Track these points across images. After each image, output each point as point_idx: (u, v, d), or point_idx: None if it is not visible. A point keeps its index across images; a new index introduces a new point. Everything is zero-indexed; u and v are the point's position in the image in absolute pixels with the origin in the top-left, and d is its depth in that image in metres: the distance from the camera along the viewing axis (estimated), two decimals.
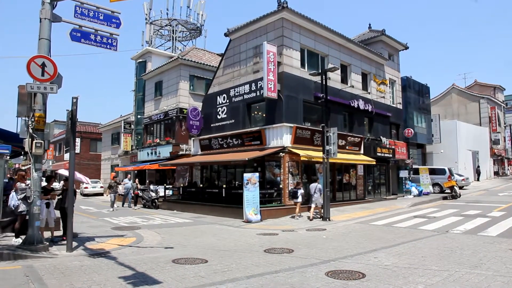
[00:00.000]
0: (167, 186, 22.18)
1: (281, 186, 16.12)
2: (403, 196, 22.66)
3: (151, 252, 8.60)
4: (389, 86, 24.29)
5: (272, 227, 12.84)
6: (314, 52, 18.66)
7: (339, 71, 19.26)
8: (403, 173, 23.64)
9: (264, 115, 17.60)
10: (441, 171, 24.98)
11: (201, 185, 20.43)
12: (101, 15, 9.20)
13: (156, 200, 20.73)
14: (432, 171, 25.14)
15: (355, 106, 19.94)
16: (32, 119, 8.36)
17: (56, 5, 8.81)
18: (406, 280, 5.94)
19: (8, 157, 13.80)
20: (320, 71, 16.03)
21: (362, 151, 20.27)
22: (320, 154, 15.29)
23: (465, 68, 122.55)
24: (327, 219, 13.93)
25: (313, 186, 14.73)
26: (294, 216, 14.86)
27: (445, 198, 21.59)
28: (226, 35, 19.67)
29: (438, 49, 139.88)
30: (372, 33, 25.04)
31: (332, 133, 14.63)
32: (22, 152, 13.46)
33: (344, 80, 20.29)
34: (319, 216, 14.58)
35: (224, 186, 17.75)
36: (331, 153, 14.58)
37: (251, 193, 14.28)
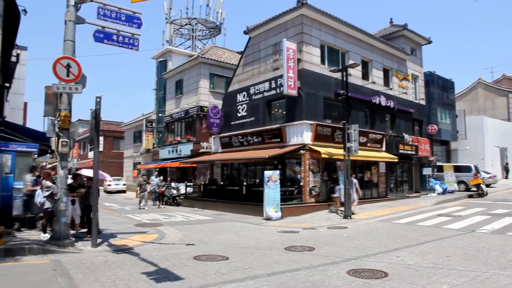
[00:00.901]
0: (188, 184, 22.43)
1: (301, 183, 16.05)
2: (427, 194, 22.16)
3: (172, 249, 8.72)
4: (412, 82, 23.75)
5: (293, 224, 12.82)
6: (334, 48, 18.45)
7: (360, 67, 18.95)
8: (427, 171, 23.11)
9: (284, 112, 17.54)
10: (467, 169, 24.28)
11: (222, 183, 20.56)
12: (123, 16, 9.38)
13: (177, 198, 20.99)
14: (457, 169, 24.47)
15: (377, 103, 19.62)
16: (58, 119, 8.61)
17: (80, 8, 9.03)
18: (430, 280, 5.82)
19: (36, 155, 14.27)
20: (340, 68, 15.84)
21: (384, 148, 19.95)
22: (341, 151, 15.14)
23: (493, 62, 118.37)
24: (349, 217, 13.79)
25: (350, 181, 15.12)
26: (330, 210, 15.71)
27: (471, 196, 21.00)
28: (245, 33, 19.69)
29: (464, 43, 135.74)
30: (393, 28, 24.53)
31: (353, 130, 14.47)
32: (49, 151, 13.92)
33: (365, 76, 19.98)
34: (340, 214, 14.48)
35: (245, 183, 17.81)
36: (352, 150, 14.44)
37: (271, 191, 14.28)
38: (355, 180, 15.23)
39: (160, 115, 28.68)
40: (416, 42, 24.78)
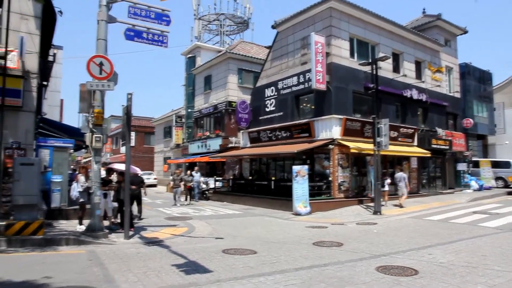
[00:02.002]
0: (217, 178, 22.70)
1: (330, 178, 15.89)
2: (461, 191, 21.40)
3: (202, 242, 8.88)
4: (446, 74, 22.90)
5: (321, 220, 12.73)
6: (364, 41, 18.05)
7: (390, 60, 18.46)
8: (461, 166, 22.29)
9: (312, 107, 17.39)
10: (506, 164, 23.25)
11: (250, 177, 20.67)
12: (152, 14, 9.60)
13: (207, 192, 21.30)
14: (495, 164, 23.47)
15: (408, 96, 19.08)
16: (92, 115, 8.94)
17: (111, 7, 9.30)
18: (463, 280, 5.63)
19: (72, 150, 14.88)
20: (370, 61, 15.49)
21: (415, 143, 19.39)
22: (371, 146, 14.86)
23: None
24: (378, 213, 13.55)
25: (397, 175, 15.65)
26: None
27: (510, 193, 20.11)
28: (273, 27, 19.62)
29: (503, 32, 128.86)
30: (426, 18, 23.69)
31: (383, 124, 14.18)
32: (84, 146, 14.49)
33: (396, 69, 19.45)
34: (370, 210, 14.25)
35: (273, 178, 17.81)
36: (382, 145, 14.17)
37: (300, 186, 14.23)
38: (404, 175, 15.54)
39: (189, 110, 29.14)
40: (451, 32, 23.83)
